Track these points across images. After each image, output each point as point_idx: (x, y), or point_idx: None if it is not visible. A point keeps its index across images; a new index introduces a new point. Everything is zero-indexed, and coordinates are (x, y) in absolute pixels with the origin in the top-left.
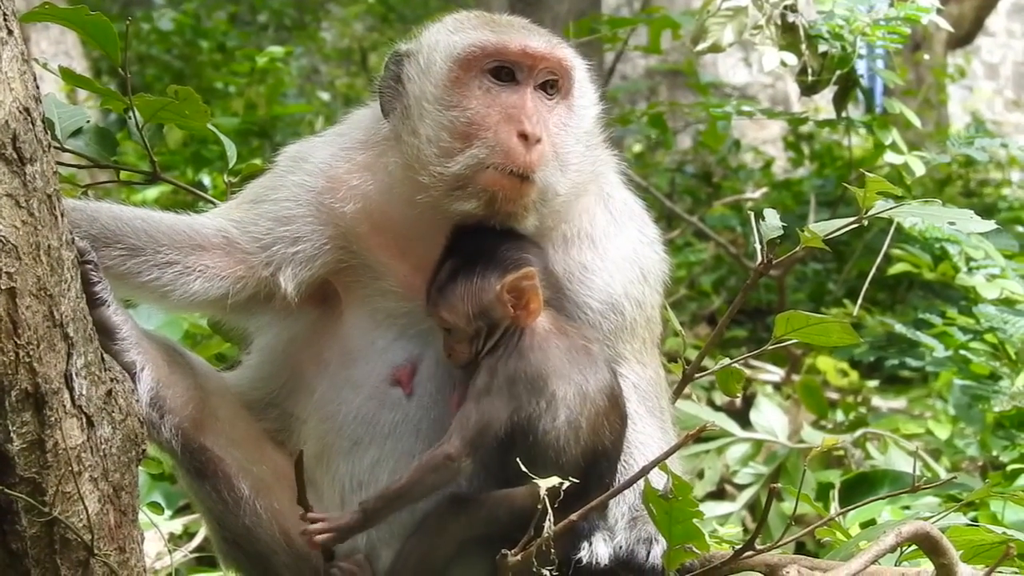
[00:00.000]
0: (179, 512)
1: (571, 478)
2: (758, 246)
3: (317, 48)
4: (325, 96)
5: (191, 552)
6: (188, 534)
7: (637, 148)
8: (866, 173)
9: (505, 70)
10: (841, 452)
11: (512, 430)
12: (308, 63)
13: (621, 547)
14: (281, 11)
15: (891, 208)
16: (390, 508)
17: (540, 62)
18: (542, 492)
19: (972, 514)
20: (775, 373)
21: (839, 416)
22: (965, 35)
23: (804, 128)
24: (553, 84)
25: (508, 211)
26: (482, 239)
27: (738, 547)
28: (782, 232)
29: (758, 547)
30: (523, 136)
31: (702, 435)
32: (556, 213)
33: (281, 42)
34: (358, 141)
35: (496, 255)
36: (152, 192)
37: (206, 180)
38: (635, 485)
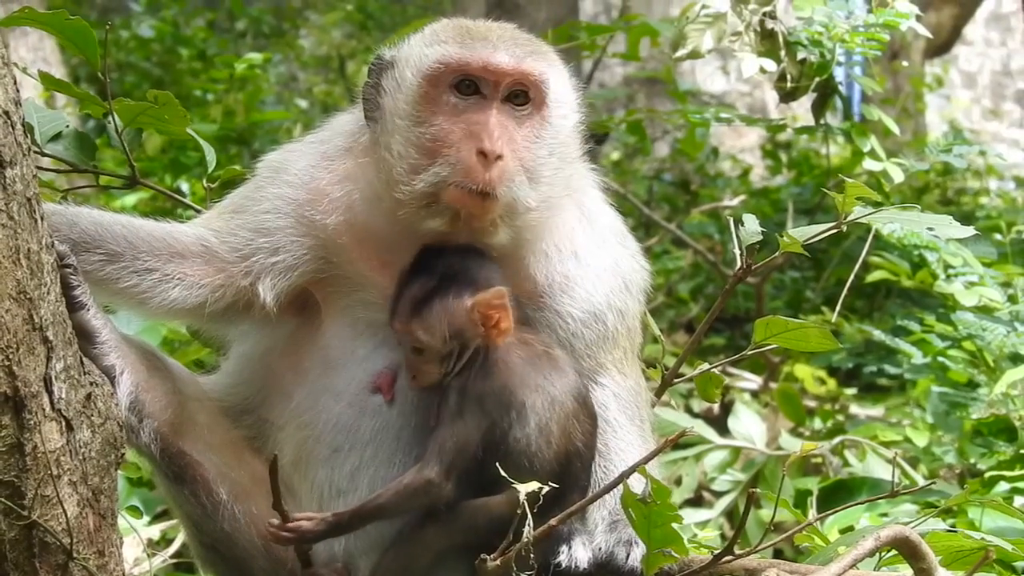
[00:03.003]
0: (157, 518)
1: (547, 483)
2: (737, 251)
3: (295, 55)
4: (303, 103)
5: (169, 558)
6: (166, 540)
7: (615, 156)
8: (846, 178)
9: (471, 84)
10: (819, 459)
11: (486, 444)
12: (286, 70)
13: (600, 549)
14: (259, 18)
15: (871, 213)
16: (363, 523)
17: (504, 77)
18: (521, 497)
19: (950, 521)
20: (753, 381)
21: (817, 423)
22: (943, 44)
23: (782, 136)
24: (522, 95)
25: (474, 227)
26: (450, 258)
27: (717, 552)
28: (761, 237)
29: (737, 552)
30: (482, 153)
31: (680, 442)
32: (533, 227)
33: (259, 49)
34: (340, 148)
35: (467, 274)
36: (131, 199)
37: (184, 187)
38: (615, 490)
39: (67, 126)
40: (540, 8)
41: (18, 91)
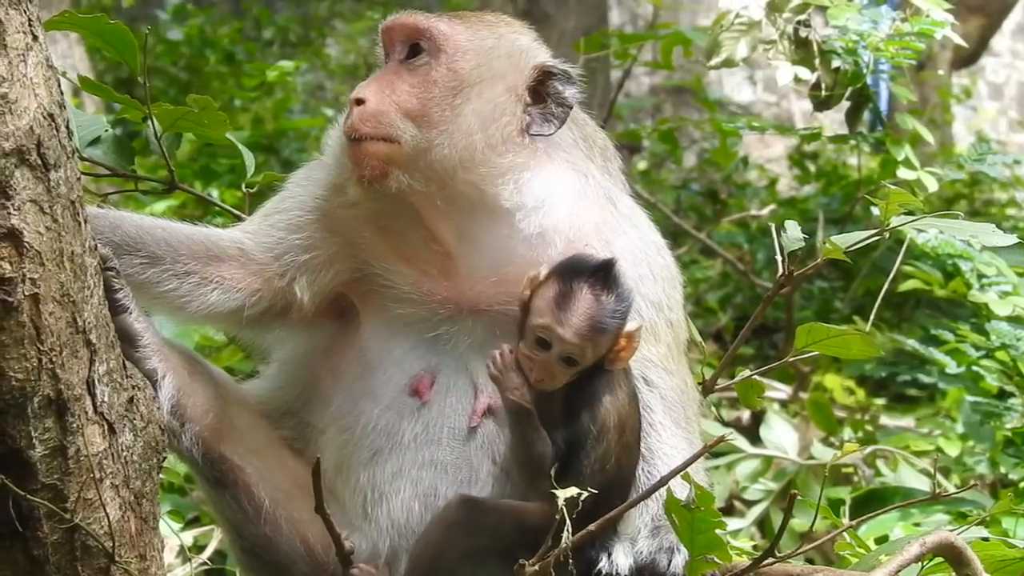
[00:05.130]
0: (189, 524)
1: (588, 495)
2: (779, 258)
3: (322, 64)
4: (330, 112)
5: (202, 563)
6: (198, 547)
7: (642, 165)
8: (889, 185)
9: (387, 55)
10: (851, 469)
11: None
12: (313, 79)
13: (642, 554)
14: (286, 27)
15: (915, 220)
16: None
17: (395, 34)
18: (560, 501)
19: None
20: (782, 390)
21: (847, 433)
22: (970, 55)
23: (809, 147)
24: (417, 49)
25: (365, 177)
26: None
27: (758, 555)
28: (803, 244)
29: (778, 554)
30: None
31: (712, 450)
32: (451, 177)
33: (286, 58)
34: None
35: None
36: (159, 206)
37: (215, 194)
38: (657, 495)
39: (106, 130)
40: (569, 17)
41: (62, 94)
